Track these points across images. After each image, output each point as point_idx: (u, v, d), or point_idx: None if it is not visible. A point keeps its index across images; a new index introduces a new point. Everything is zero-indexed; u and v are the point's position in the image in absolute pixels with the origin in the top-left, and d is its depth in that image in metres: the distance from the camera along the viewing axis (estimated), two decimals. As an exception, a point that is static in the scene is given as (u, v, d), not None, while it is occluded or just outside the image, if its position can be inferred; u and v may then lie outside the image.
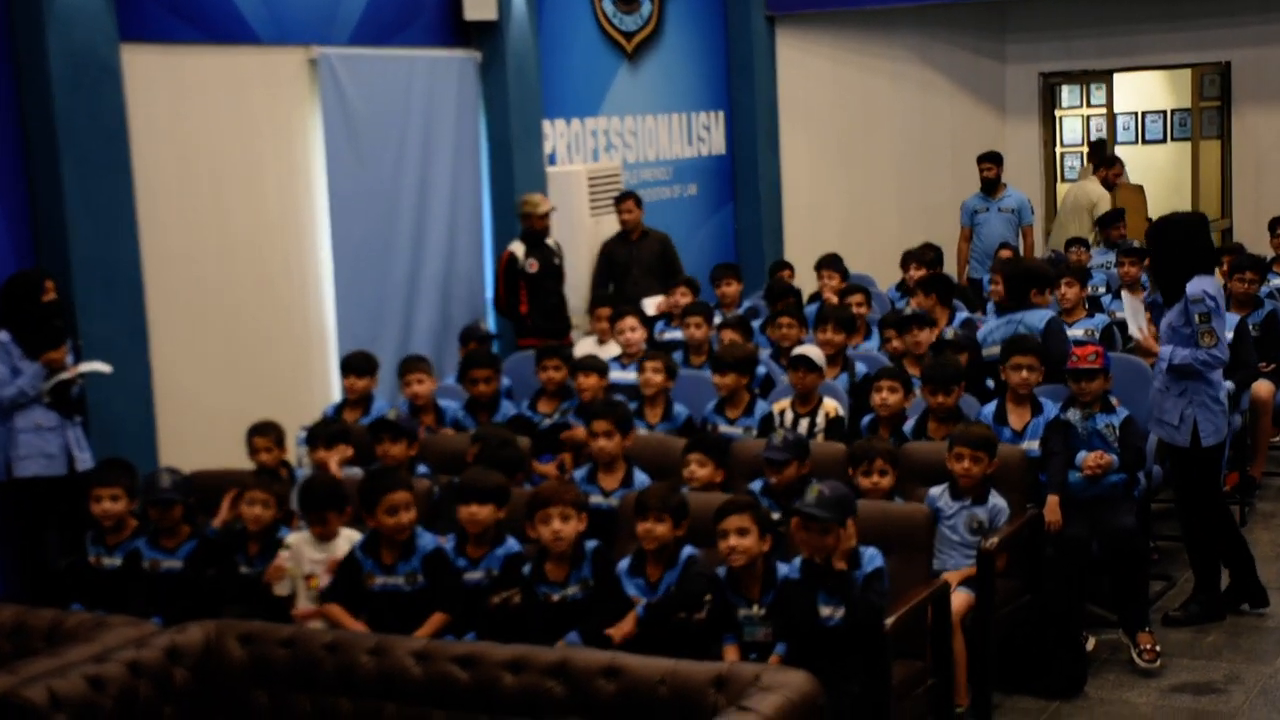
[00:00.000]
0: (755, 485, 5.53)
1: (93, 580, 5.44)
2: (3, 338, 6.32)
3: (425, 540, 4.99)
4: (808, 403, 6.38)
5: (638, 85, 10.82)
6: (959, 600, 5.15)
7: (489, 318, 9.23)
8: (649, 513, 4.82)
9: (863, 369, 6.99)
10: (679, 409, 6.68)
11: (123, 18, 7.03)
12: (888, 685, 4.51)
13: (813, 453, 5.60)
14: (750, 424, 6.42)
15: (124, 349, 6.93)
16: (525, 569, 4.94)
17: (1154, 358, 6.15)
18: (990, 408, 6.19)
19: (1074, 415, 5.97)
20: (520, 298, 8.81)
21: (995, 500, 5.47)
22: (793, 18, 11.87)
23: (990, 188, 10.98)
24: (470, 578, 5.01)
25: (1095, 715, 5.40)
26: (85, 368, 6.49)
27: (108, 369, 6.55)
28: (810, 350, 6.52)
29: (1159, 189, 13.82)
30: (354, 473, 5.87)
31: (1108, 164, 11.71)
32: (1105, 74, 13.78)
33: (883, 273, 10.28)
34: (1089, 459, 5.84)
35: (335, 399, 7.49)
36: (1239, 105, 12.90)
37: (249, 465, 6.00)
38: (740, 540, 4.62)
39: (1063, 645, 5.58)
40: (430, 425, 6.72)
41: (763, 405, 6.50)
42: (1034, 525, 5.60)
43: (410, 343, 8.59)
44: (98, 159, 6.90)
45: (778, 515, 5.10)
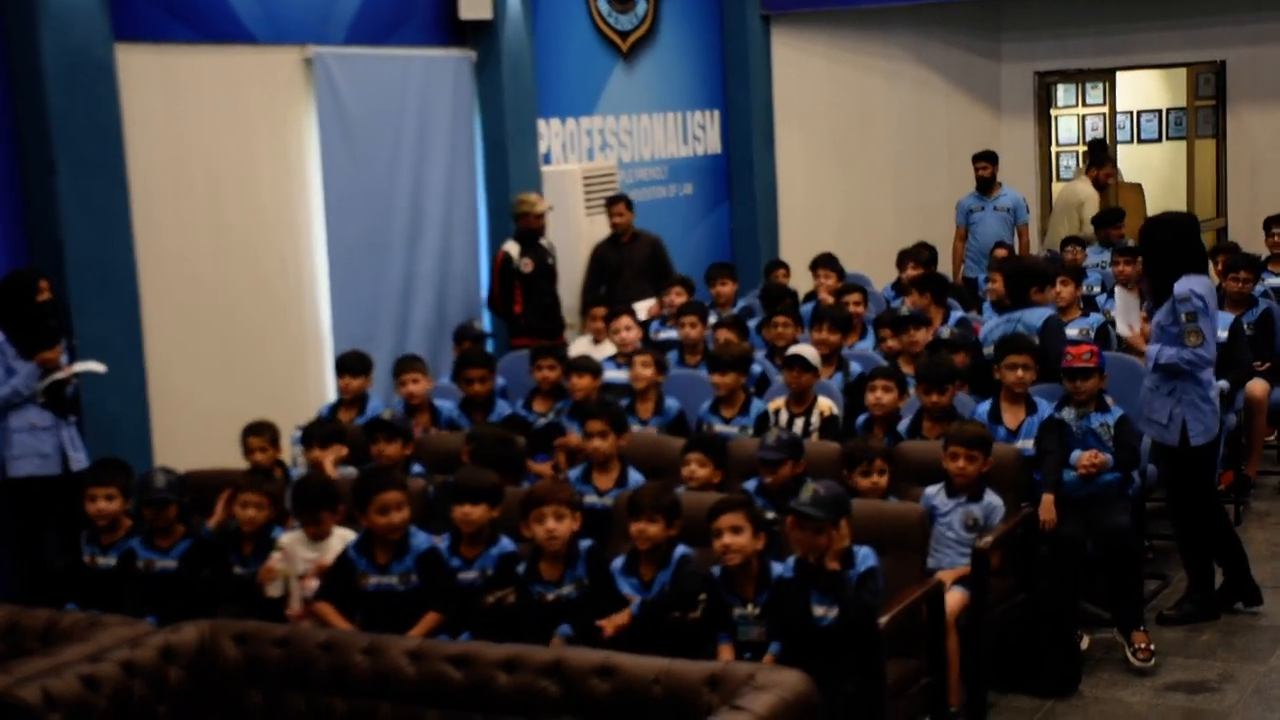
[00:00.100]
0: (750, 484, 5.53)
1: (87, 580, 5.44)
2: (-3, 338, 6.33)
3: (419, 540, 4.99)
4: (802, 402, 6.38)
5: (633, 84, 10.81)
6: (953, 599, 5.15)
7: (484, 317, 9.23)
8: (642, 513, 4.83)
9: (858, 368, 7.00)
10: (670, 402, 6.69)
11: (117, 17, 7.01)
12: (882, 684, 4.52)
13: (807, 452, 5.60)
14: (746, 423, 6.43)
15: (119, 348, 6.92)
16: (520, 568, 4.94)
17: (1144, 355, 6.16)
18: (985, 406, 6.19)
19: (1069, 414, 5.97)
20: (515, 297, 8.80)
21: (991, 498, 5.47)
22: (788, 17, 11.85)
23: (985, 187, 10.97)
24: (465, 577, 5.01)
25: (1090, 714, 5.41)
26: (80, 367, 6.48)
27: (102, 369, 6.54)
28: (805, 350, 6.52)
29: (1154, 188, 13.82)
30: (349, 472, 5.88)
31: (1099, 164, 11.71)
32: (1101, 73, 13.78)
33: (878, 272, 10.28)
34: (1083, 458, 5.84)
35: (330, 398, 7.49)
36: (1234, 104, 12.90)
37: (244, 465, 6.00)
38: (734, 538, 4.63)
39: (1057, 644, 5.58)
40: (426, 426, 6.72)
41: (758, 404, 6.50)
42: (1028, 524, 5.60)
43: (405, 342, 8.58)
44: (92, 158, 6.88)
45: (772, 515, 5.10)
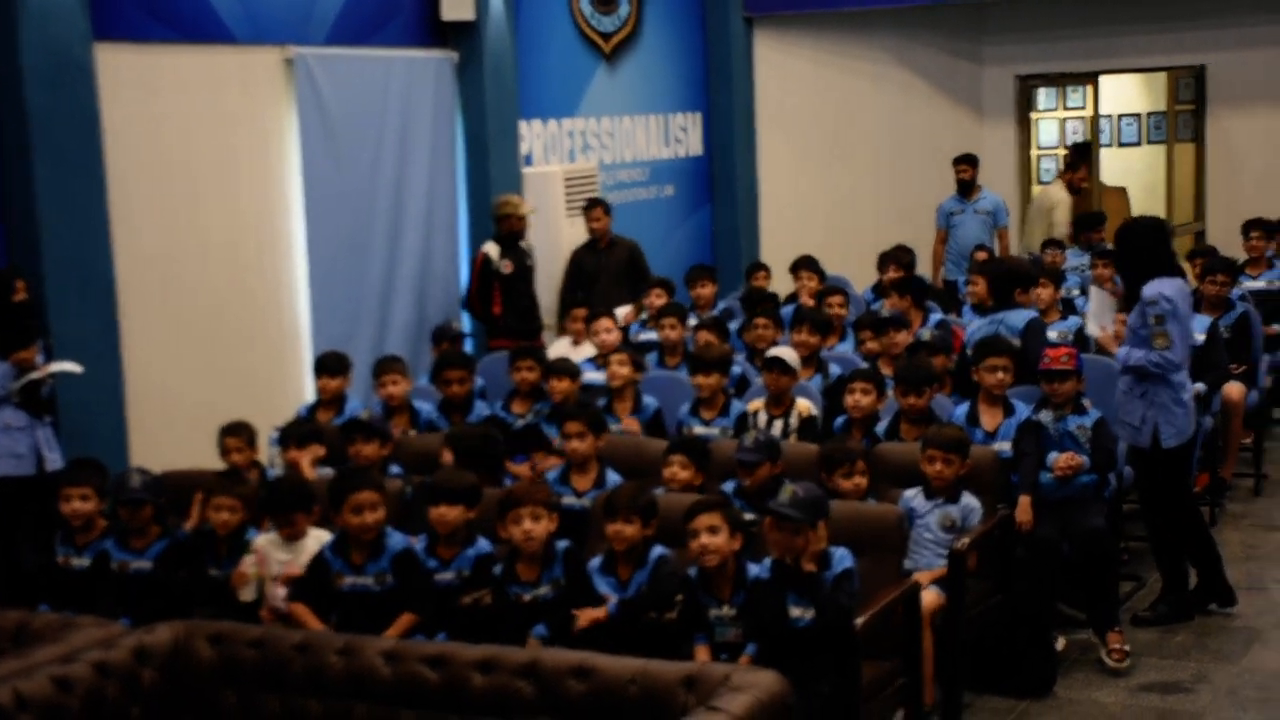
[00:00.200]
0: (728, 486, 5.54)
1: (61, 581, 5.41)
2: (-28, 337, 6.31)
3: (395, 540, 4.98)
4: (781, 404, 6.39)
5: (615, 86, 10.81)
6: (929, 599, 5.16)
7: (463, 318, 9.22)
8: (618, 514, 4.83)
9: (837, 370, 7.01)
10: (648, 400, 6.69)
11: (97, 16, 7.00)
12: (857, 685, 4.52)
13: (785, 454, 5.61)
14: (726, 425, 6.43)
15: (96, 349, 6.90)
16: (496, 569, 4.94)
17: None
18: (963, 409, 6.20)
19: (1046, 416, 5.99)
20: (494, 299, 8.79)
21: (968, 500, 5.48)
22: (771, 19, 11.87)
23: (966, 189, 11.00)
24: (441, 578, 5.00)
25: (1064, 714, 5.42)
26: (55, 368, 6.46)
27: (78, 369, 6.52)
28: (784, 352, 6.53)
29: (1133, 192, 13.88)
30: (326, 473, 5.86)
31: (1074, 167, 11.73)
32: (1081, 77, 13.81)
33: (860, 274, 10.29)
34: (1060, 460, 5.86)
35: (309, 399, 7.47)
36: (1214, 108, 12.96)
37: (222, 465, 5.98)
38: (711, 538, 4.63)
39: (1033, 645, 5.60)
40: (405, 427, 6.70)
41: (738, 405, 6.51)
42: (1005, 526, 5.61)
43: (385, 343, 8.58)
44: (71, 158, 6.87)
45: (750, 516, 5.11)
